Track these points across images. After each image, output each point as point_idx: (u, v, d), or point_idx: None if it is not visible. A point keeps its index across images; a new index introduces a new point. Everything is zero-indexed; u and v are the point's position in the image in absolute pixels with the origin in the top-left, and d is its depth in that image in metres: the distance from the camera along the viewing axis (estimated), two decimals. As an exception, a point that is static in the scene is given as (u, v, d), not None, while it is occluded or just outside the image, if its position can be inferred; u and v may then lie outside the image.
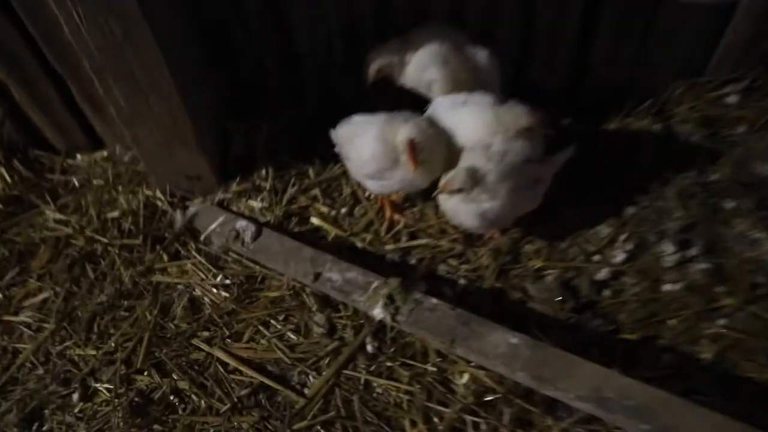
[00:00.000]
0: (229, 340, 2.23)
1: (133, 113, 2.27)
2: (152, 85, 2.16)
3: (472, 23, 2.49)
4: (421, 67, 2.29)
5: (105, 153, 2.90)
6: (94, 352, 2.24)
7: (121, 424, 2.07)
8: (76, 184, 2.79)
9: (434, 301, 2.04)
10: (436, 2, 2.41)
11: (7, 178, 2.79)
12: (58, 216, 2.64)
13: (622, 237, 2.30)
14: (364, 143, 2.18)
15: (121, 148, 2.85)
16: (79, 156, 2.92)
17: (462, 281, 2.25)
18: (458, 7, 2.44)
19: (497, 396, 1.96)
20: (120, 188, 2.68)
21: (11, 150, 2.88)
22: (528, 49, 2.62)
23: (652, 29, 2.56)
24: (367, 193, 2.46)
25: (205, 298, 2.32)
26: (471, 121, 2.13)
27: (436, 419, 1.97)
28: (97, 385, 2.18)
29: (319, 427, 2.01)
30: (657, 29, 2.55)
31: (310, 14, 2.41)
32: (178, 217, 2.52)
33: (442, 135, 2.15)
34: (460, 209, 2.08)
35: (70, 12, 1.91)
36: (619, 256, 2.25)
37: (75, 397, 2.16)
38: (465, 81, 2.29)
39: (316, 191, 2.52)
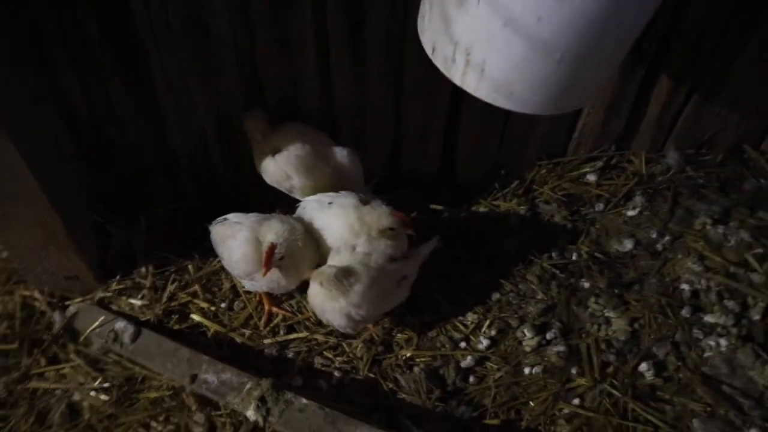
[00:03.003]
0: (108, 445, 2.24)
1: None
2: (17, 192, 2.15)
3: (343, 118, 2.63)
4: (283, 173, 2.40)
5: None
6: (-35, 468, 2.21)
7: None
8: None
9: (304, 401, 2.12)
10: (305, 99, 2.52)
11: None
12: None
13: (487, 323, 2.44)
14: (235, 245, 2.26)
15: (-3, 245, 2.80)
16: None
17: (337, 373, 2.34)
18: (328, 104, 2.56)
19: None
20: (-5, 288, 2.65)
21: None
22: (400, 140, 2.77)
23: (511, 120, 2.75)
24: (246, 288, 2.52)
25: (84, 403, 2.31)
26: (336, 222, 2.25)
27: None
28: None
29: None
30: (516, 121, 2.74)
31: (180, 109, 2.47)
32: (57, 318, 2.51)
33: (308, 238, 2.25)
34: (326, 307, 2.16)
35: None
36: (483, 342, 2.39)
37: None
38: (327, 183, 2.41)
39: (196, 287, 2.57)
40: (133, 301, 2.56)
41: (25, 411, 2.30)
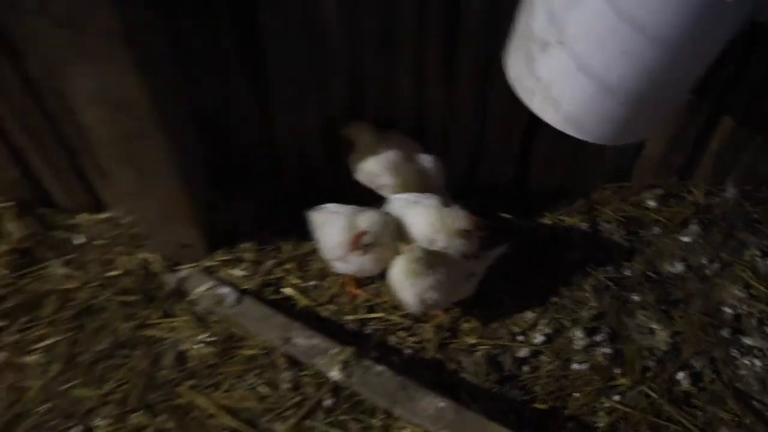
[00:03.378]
0: (209, 389, 2.60)
1: (138, 191, 2.63)
2: (157, 170, 2.53)
3: (432, 130, 2.98)
4: (376, 172, 2.78)
5: (106, 215, 3.25)
6: (93, 393, 2.60)
7: (115, 457, 2.45)
8: (80, 242, 3.14)
9: (380, 368, 2.47)
10: (400, 110, 2.90)
11: (19, 233, 3.14)
12: (64, 271, 3.00)
13: (543, 322, 2.75)
14: (333, 231, 2.63)
15: (121, 212, 3.20)
16: (82, 215, 3.24)
17: (408, 351, 2.68)
18: (420, 116, 2.92)
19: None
20: (119, 249, 3.07)
21: (22, 207, 3.20)
22: (480, 154, 3.10)
23: (581, 145, 3.03)
24: (336, 270, 2.87)
25: (191, 352, 2.70)
26: (419, 220, 2.60)
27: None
28: (96, 421, 2.53)
29: (279, 469, 2.40)
30: (585, 147, 3.02)
31: (292, 108, 2.85)
32: (170, 280, 2.91)
33: (394, 230, 2.60)
34: (405, 285, 2.45)
35: (92, 108, 2.27)
36: (539, 338, 2.70)
37: (76, 431, 2.52)
38: (413, 184, 2.79)
39: (291, 265, 2.95)
40: (234, 271, 2.94)
41: (143, 353, 2.70)
